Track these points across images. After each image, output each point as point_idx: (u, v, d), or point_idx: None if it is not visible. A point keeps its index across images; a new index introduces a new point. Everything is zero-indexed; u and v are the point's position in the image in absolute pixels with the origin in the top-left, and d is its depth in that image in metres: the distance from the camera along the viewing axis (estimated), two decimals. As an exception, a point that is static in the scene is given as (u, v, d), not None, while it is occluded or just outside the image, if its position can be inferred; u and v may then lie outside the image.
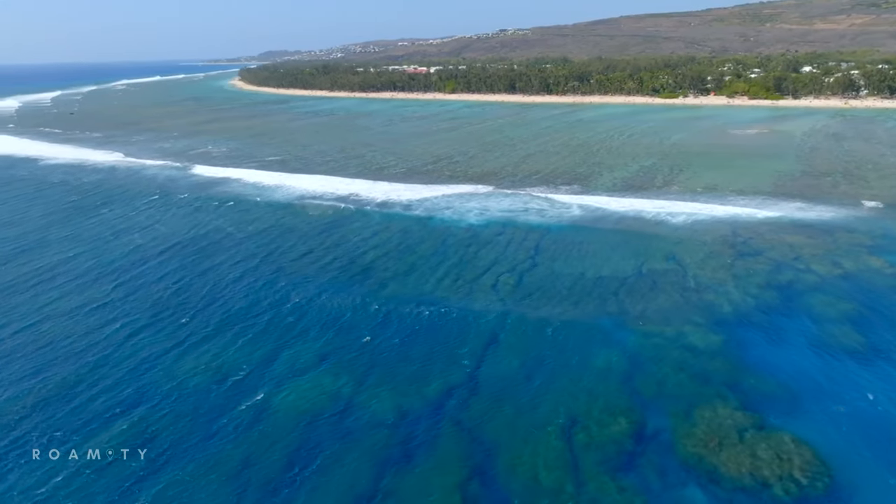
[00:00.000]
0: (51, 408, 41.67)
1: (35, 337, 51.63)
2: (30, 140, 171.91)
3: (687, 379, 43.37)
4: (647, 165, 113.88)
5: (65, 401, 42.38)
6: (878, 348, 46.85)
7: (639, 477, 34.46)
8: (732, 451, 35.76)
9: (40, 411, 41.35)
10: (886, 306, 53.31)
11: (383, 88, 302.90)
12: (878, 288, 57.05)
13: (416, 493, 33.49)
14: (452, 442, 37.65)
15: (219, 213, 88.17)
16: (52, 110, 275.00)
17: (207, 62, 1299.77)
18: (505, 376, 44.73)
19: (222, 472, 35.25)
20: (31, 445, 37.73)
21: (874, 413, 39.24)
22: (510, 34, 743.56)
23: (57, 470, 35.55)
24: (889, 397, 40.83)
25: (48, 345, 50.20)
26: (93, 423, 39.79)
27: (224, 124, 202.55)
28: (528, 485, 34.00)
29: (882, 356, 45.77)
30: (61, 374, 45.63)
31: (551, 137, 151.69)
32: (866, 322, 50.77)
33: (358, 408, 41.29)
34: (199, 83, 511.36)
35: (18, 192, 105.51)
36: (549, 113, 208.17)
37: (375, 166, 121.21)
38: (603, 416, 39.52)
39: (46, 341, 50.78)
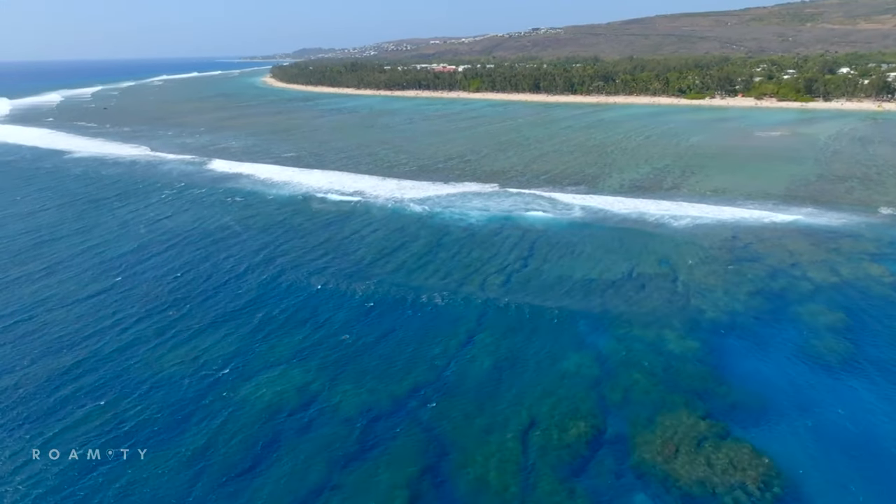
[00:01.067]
0: (29, 392, 43.20)
1: (30, 325, 53.52)
2: (62, 133, 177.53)
3: (656, 385, 42.80)
4: (659, 167, 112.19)
5: (43, 385, 43.87)
6: (859, 361, 45.56)
7: (589, 482, 34.27)
8: (687, 460, 35.26)
9: (13, 394, 42.92)
10: (876, 317, 51.75)
11: (409, 87, 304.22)
12: (872, 297, 55.36)
13: (363, 488, 33.88)
14: (410, 440, 37.90)
15: (225, 209, 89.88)
16: (90, 105, 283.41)
17: (244, 59, 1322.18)
18: (475, 376, 44.80)
19: (180, 460, 36.14)
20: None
21: (840, 428, 38.22)
22: (542, 33, 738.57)
23: (14, 449, 36.92)
24: (858, 412, 39.73)
25: (41, 332, 51.99)
26: (63, 409, 41.14)
27: (248, 120, 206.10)
28: (474, 485, 34.09)
29: (862, 369, 44.51)
30: (47, 361, 47.26)
31: (567, 138, 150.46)
32: (853, 333, 49.36)
33: (323, 403, 41.83)
34: (232, 80, 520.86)
35: (41, 184, 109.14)
36: (570, 113, 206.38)
37: (387, 164, 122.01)
38: (564, 420, 39.30)
39: (40, 329, 52.59)
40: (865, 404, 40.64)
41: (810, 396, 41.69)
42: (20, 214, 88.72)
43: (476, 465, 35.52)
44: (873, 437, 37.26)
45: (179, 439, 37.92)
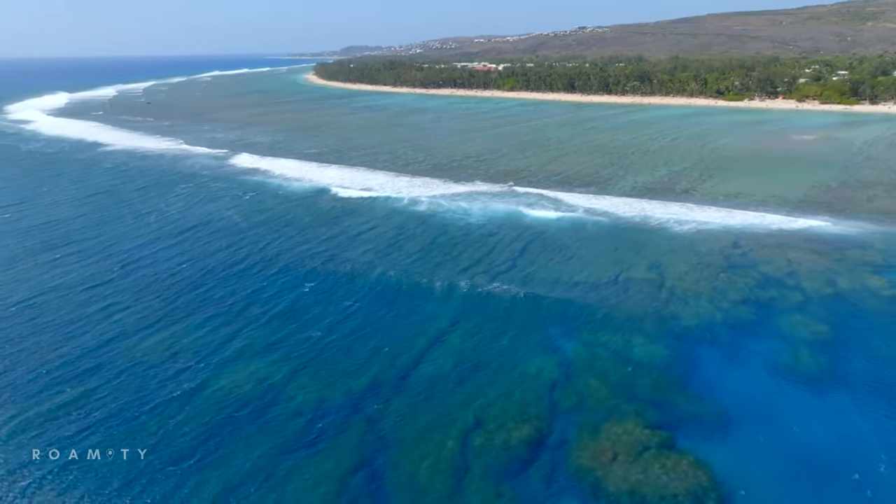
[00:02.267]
0: (6, 372, 45.58)
1: (24, 311, 56.30)
2: (105, 127, 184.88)
3: (612, 392, 42.19)
4: (676, 170, 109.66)
5: (14, 366, 46.15)
6: (831, 378, 43.88)
7: (521, 484, 34.12)
8: (623, 468, 34.74)
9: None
10: (861, 331, 49.66)
11: (444, 85, 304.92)
12: (862, 311, 53.10)
13: (295, 478, 34.52)
14: (353, 434, 38.36)
15: (235, 203, 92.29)
16: (139, 99, 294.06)
17: (293, 56, 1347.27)
18: (434, 376, 44.96)
19: (134, 445, 37.52)
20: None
21: (793, 446, 36.94)
22: (588, 32, 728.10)
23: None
24: (816, 431, 38.33)
25: (32, 318, 54.65)
26: (37, 390, 43.24)
27: (281, 116, 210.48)
28: (405, 482, 34.37)
29: (831, 387, 42.83)
30: (29, 344, 49.68)
31: (591, 138, 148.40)
32: (832, 348, 47.49)
33: (281, 396, 42.65)
34: (277, 76, 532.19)
35: (71, 175, 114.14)
36: (600, 113, 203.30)
37: (403, 161, 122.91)
38: (511, 422, 39.15)
39: (32, 316, 55.25)
40: (826, 424, 39.14)
41: (770, 411, 40.38)
42: (43, 205, 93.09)
43: (411, 462, 35.79)
44: (825, 459, 35.88)
45: (139, 426, 39.30)
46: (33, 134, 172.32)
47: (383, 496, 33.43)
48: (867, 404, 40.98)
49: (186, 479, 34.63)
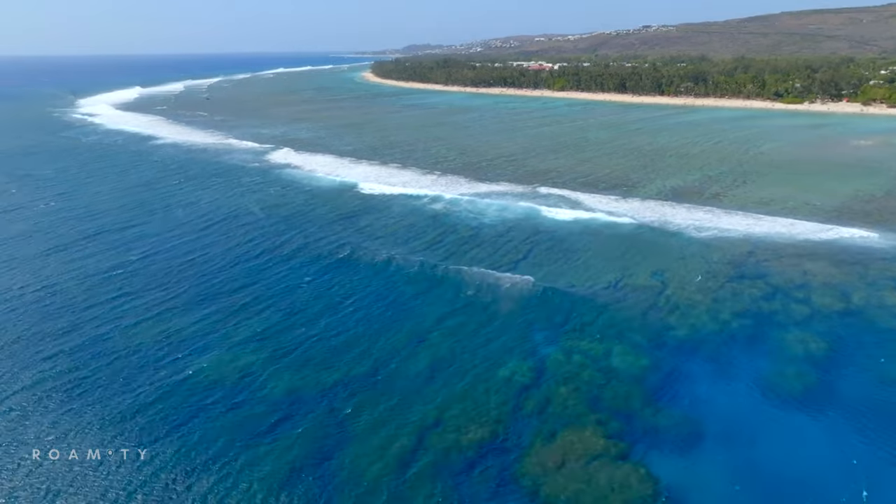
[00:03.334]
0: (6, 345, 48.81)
1: (37, 293, 60.03)
2: (162, 121, 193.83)
3: (579, 399, 41.44)
4: (711, 174, 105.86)
5: (12, 346, 49.31)
6: (821, 398, 41.68)
7: (462, 485, 34.05)
8: (567, 475, 34.19)
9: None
10: (866, 351, 46.87)
11: (494, 84, 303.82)
12: (872, 328, 50.10)
13: (253, 467, 35.44)
14: (317, 427, 39.03)
15: (261, 198, 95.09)
16: (203, 94, 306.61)
17: (356, 54, 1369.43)
18: (407, 373, 45.27)
19: (107, 420, 39.59)
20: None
21: (758, 467, 35.35)
22: (653, 31, 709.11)
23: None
24: (789, 453, 36.54)
25: (42, 300, 58.24)
26: (28, 361, 46.13)
27: (329, 113, 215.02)
28: (350, 477, 34.80)
29: (819, 408, 40.68)
30: (32, 325, 52.98)
31: (631, 140, 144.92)
32: (828, 367, 45.08)
33: (255, 385, 43.85)
34: (336, 74, 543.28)
35: (118, 167, 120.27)
36: (648, 115, 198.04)
37: (434, 160, 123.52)
38: (470, 424, 39.07)
39: (42, 297, 58.86)
40: (801, 447, 37.23)
41: (745, 430, 38.73)
42: (85, 194, 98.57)
43: (363, 457, 36.23)
44: (792, 484, 34.14)
45: (114, 405, 41.36)
46: (96, 127, 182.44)
47: (330, 488, 33.97)
48: (853, 429, 38.76)
49: (147, 463, 36.14)
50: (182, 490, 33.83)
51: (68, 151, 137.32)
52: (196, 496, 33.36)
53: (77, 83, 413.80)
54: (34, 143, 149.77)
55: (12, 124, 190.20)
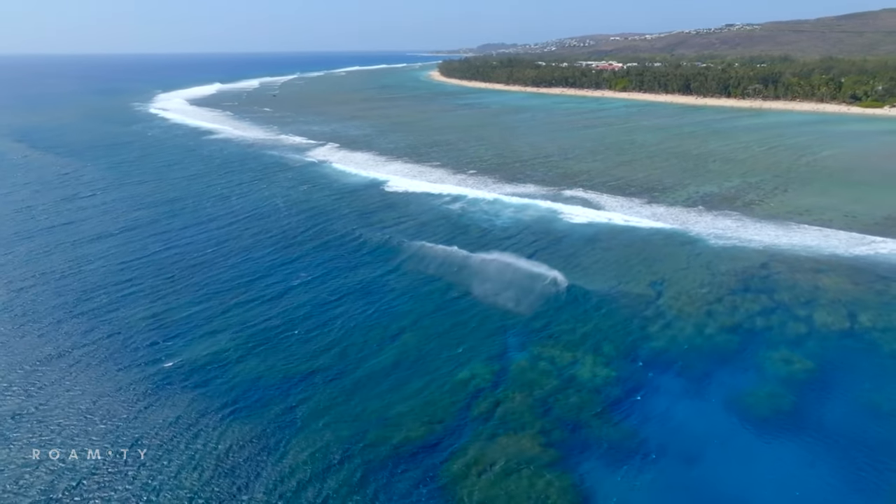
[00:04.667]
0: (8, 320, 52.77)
1: (55, 276, 64.49)
2: (225, 116, 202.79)
3: (530, 406, 40.76)
4: (752, 181, 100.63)
5: (18, 319, 53.26)
6: (788, 423, 39.28)
7: (379, 481, 34.14)
8: (488, 480, 33.78)
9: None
10: (854, 375, 43.68)
11: (555, 84, 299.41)
12: (868, 352, 46.62)
13: (195, 451, 36.96)
14: (268, 417, 40.05)
15: (288, 193, 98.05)
16: (274, 92, 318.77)
17: (431, 53, 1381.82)
18: (370, 370, 45.57)
19: (84, 397, 42.30)
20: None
21: (692, 489, 33.79)
22: (735, 29, 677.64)
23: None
24: (728, 478, 34.76)
25: (57, 284, 62.54)
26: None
27: (383, 111, 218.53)
28: (285, 465, 35.55)
29: (783, 433, 38.35)
30: (43, 305, 57.04)
31: (678, 144, 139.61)
32: (809, 391, 42.32)
33: (225, 374, 45.25)
34: (405, 72, 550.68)
35: (167, 160, 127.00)
36: (708, 118, 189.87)
37: (468, 159, 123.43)
38: (413, 423, 39.14)
39: (61, 282, 63.18)
40: (751, 472, 35.20)
41: (695, 451, 37.03)
42: (129, 184, 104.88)
43: (299, 448, 36.99)
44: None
45: (92, 386, 44.03)
46: (162, 121, 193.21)
47: (260, 476, 34.84)
48: (812, 457, 36.33)
49: (116, 433, 38.30)
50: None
51: (127, 144, 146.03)
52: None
53: (164, 79, 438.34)
54: (100, 136, 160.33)
55: (91, 117, 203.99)
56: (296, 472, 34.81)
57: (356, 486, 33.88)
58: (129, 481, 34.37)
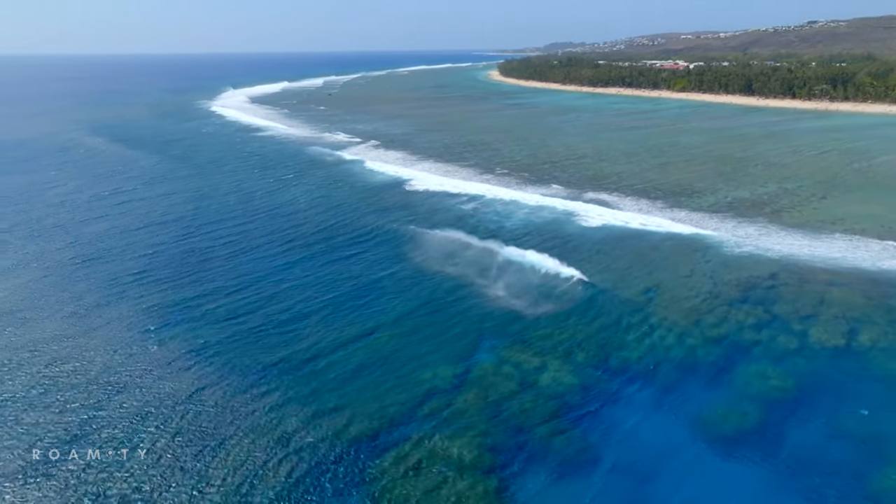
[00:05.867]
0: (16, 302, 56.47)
1: (68, 268, 68.53)
2: (278, 113, 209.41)
3: (481, 408, 40.31)
4: (790, 187, 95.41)
5: (22, 304, 56.90)
6: (750, 444, 37.14)
7: (308, 477, 34.33)
8: (414, 481, 33.67)
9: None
10: (833, 397, 40.95)
11: (611, 84, 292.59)
12: (857, 373, 43.49)
13: (147, 432, 38.73)
14: (223, 405, 41.40)
15: (312, 190, 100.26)
16: (333, 90, 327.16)
17: (497, 52, 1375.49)
18: (336, 366, 45.78)
19: (64, 376, 44.99)
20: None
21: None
22: (818, 27, 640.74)
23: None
24: (671, 497, 33.20)
25: (90, 260, 66.48)
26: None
27: (430, 110, 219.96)
28: (223, 454, 36.55)
29: (742, 454, 36.30)
30: (55, 291, 60.74)
31: (723, 146, 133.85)
32: (780, 411, 39.91)
33: (198, 361, 46.70)
34: (465, 72, 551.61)
35: (209, 155, 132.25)
36: (764, 119, 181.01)
37: (499, 160, 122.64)
38: (358, 420, 39.35)
39: (78, 271, 67.14)
40: (699, 493, 33.67)
41: (643, 466, 35.51)
42: (170, 178, 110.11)
43: (243, 437, 37.95)
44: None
45: (75, 366, 46.71)
46: (218, 118, 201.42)
47: (196, 461, 36.01)
48: (774, 482, 34.33)
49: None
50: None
51: (178, 142, 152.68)
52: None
53: (237, 77, 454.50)
54: (157, 132, 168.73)
55: (157, 114, 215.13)
56: (228, 461, 35.70)
57: (284, 477, 34.44)
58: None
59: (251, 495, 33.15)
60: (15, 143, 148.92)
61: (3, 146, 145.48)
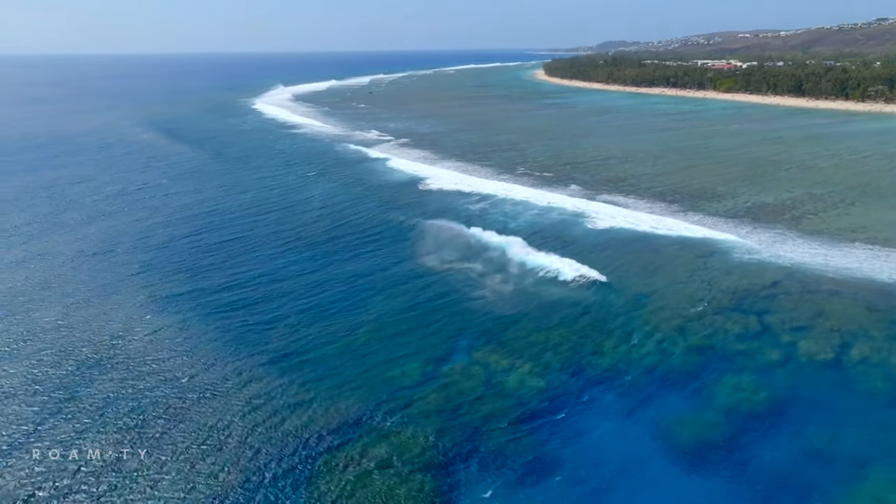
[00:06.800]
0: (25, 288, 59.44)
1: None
2: (317, 111, 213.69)
3: (438, 408, 40.33)
4: (817, 192, 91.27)
5: (32, 288, 59.83)
6: (711, 457, 36.03)
7: (249, 470, 34.78)
8: (355, 476, 33.97)
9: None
10: (808, 413, 39.29)
11: (656, 83, 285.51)
12: (839, 389, 41.51)
13: (117, 407, 40.37)
14: (192, 390, 42.78)
15: (330, 186, 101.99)
16: (379, 88, 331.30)
17: (548, 51, 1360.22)
18: (314, 361, 46.76)
19: (52, 357, 47.30)
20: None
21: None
22: (888, 24, 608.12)
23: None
24: None
25: (105, 251, 69.52)
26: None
27: (465, 109, 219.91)
28: (177, 442, 37.71)
29: (702, 467, 35.25)
30: (68, 271, 63.74)
31: (757, 149, 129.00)
32: (749, 424, 38.48)
33: (182, 346, 48.70)
34: (510, 71, 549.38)
35: (240, 152, 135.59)
36: (810, 122, 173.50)
37: (521, 160, 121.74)
38: (314, 414, 39.76)
39: (100, 257, 70.16)
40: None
41: (604, 476, 34.71)
42: (194, 173, 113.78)
43: (195, 427, 38.99)
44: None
45: (64, 346, 49.07)
46: (259, 115, 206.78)
47: (155, 446, 37.36)
48: (731, 498, 33.15)
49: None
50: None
51: (213, 138, 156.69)
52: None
53: (289, 76, 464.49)
54: (197, 129, 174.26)
55: (200, 111, 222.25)
56: (178, 450, 36.73)
57: (230, 466, 35.17)
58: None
59: (194, 482, 34.07)
60: (79, 134, 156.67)
61: (56, 141, 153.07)
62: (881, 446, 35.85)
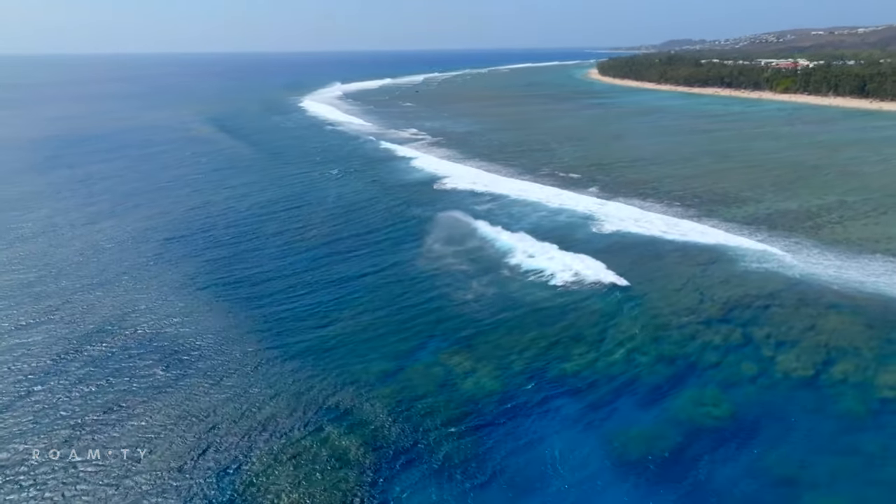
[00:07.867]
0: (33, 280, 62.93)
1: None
2: (360, 109, 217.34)
3: (387, 408, 40.24)
4: (849, 200, 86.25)
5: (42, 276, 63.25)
6: (654, 472, 34.74)
7: (195, 458, 36.15)
8: (288, 472, 34.52)
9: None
10: (769, 433, 37.26)
11: (710, 83, 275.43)
12: (814, 408, 39.21)
13: (106, 394, 42.46)
14: (176, 377, 44.56)
15: (347, 184, 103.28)
16: (430, 87, 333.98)
17: (609, 49, 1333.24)
18: (293, 355, 47.72)
19: (46, 340, 50.13)
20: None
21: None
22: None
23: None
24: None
25: (119, 242, 73.01)
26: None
27: (506, 109, 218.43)
28: (154, 432, 39.54)
29: (647, 484, 33.99)
30: (77, 262, 67.15)
31: (798, 153, 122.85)
32: (702, 441, 36.83)
33: (180, 335, 50.42)
34: (565, 70, 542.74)
35: (272, 149, 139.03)
36: (870, 123, 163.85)
37: (546, 161, 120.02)
38: (256, 409, 40.71)
39: (104, 251, 73.66)
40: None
41: (537, 486, 34.17)
42: (224, 168, 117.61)
43: (168, 420, 40.70)
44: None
45: (62, 329, 51.83)
46: (302, 113, 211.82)
47: (135, 437, 39.15)
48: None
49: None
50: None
51: (252, 135, 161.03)
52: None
53: (350, 73, 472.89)
54: (240, 126, 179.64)
55: (249, 107, 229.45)
56: (128, 434, 38.34)
57: (170, 460, 36.27)
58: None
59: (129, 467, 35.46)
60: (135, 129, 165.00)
61: (101, 138, 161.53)
62: (838, 472, 33.78)
